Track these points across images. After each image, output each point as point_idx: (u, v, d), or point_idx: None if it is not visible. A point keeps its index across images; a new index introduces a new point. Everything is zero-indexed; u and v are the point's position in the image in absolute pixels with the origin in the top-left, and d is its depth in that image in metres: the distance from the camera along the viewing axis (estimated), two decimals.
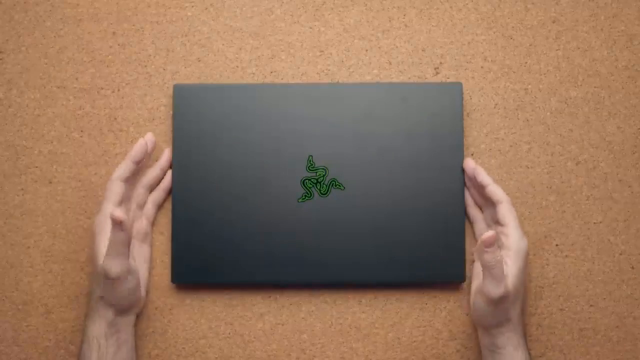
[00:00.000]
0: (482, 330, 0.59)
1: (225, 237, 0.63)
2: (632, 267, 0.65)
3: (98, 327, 0.57)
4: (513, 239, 0.58)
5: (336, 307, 0.64)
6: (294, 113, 0.64)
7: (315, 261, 0.62)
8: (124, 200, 0.60)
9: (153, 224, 0.64)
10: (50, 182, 0.65)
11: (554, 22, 0.67)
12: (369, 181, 0.63)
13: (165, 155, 0.64)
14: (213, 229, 0.63)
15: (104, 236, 0.57)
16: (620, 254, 0.65)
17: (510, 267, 0.57)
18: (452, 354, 0.64)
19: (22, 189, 0.65)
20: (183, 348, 0.64)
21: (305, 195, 0.63)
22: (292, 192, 0.63)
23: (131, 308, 0.60)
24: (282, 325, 0.64)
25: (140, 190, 0.62)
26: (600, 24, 0.67)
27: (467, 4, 0.67)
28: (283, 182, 0.63)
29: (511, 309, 0.57)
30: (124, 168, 0.60)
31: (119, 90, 0.66)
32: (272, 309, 0.64)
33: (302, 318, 0.64)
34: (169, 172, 0.64)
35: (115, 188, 0.59)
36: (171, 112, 0.65)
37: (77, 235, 0.65)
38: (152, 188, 0.63)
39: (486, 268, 0.55)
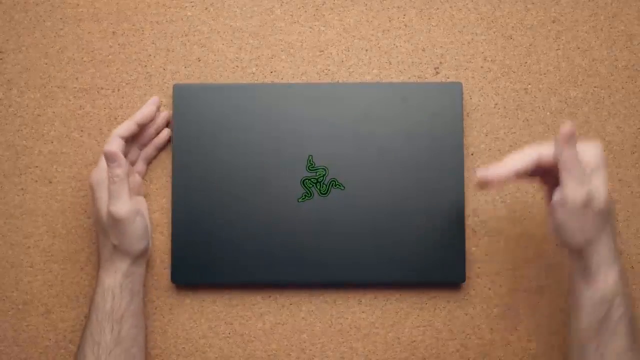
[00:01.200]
0: (571, 253, 0.54)
1: (225, 237, 0.63)
2: (632, 267, 0.65)
3: (113, 279, 0.58)
4: (590, 153, 0.53)
5: (336, 307, 0.64)
6: (294, 113, 0.64)
7: (315, 261, 0.63)
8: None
9: (144, 177, 0.65)
10: (50, 182, 0.65)
11: (554, 22, 0.67)
12: (369, 181, 0.63)
13: (162, 117, 0.64)
14: (213, 229, 0.63)
15: (104, 187, 0.59)
16: (620, 254, 0.65)
17: (596, 175, 0.52)
18: (452, 354, 0.64)
19: (22, 189, 0.65)
20: (183, 348, 0.64)
21: (305, 195, 0.63)
22: (292, 192, 0.63)
23: (144, 254, 0.61)
24: (282, 325, 0.64)
25: (134, 147, 0.64)
26: (600, 24, 0.67)
27: (467, 4, 0.67)
28: (283, 182, 0.63)
29: (604, 220, 0.53)
30: (126, 127, 0.61)
31: (119, 90, 0.66)
32: (272, 309, 0.64)
33: (302, 318, 0.64)
34: (165, 130, 0.65)
35: (115, 144, 0.60)
36: (171, 112, 0.65)
37: (77, 235, 0.65)
38: (144, 146, 0.64)
39: (566, 169, 0.52)
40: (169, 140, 0.65)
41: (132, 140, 0.63)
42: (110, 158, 0.57)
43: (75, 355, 0.59)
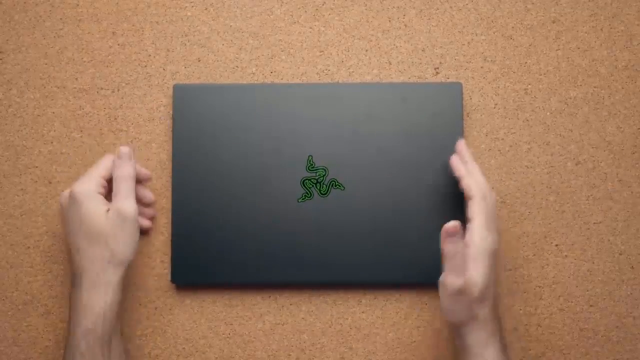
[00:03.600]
0: (452, 329, 0.59)
1: (225, 237, 0.63)
2: (632, 267, 0.65)
3: (104, 300, 0.55)
4: (475, 237, 0.55)
5: (336, 307, 0.64)
6: (294, 113, 0.64)
7: (315, 261, 0.63)
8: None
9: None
10: (50, 182, 0.65)
11: (554, 22, 0.67)
12: (369, 181, 0.63)
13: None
14: (213, 229, 0.63)
15: (94, 197, 0.57)
16: (620, 254, 0.65)
17: (474, 264, 0.55)
18: (452, 354, 0.64)
19: (22, 189, 0.65)
20: (183, 348, 0.64)
21: (305, 195, 0.63)
22: (292, 192, 0.63)
23: (130, 261, 0.58)
24: (282, 325, 0.64)
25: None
26: (600, 24, 0.67)
27: (467, 4, 0.67)
28: (283, 182, 0.63)
29: (477, 306, 0.55)
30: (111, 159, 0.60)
31: (119, 90, 0.66)
32: (272, 309, 0.64)
33: (302, 318, 0.64)
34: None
35: (108, 163, 0.59)
36: (171, 112, 0.65)
37: None
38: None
39: (447, 258, 0.57)
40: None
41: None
42: (128, 155, 0.58)
43: None
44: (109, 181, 0.59)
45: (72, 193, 0.57)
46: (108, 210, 0.57)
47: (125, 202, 0.57)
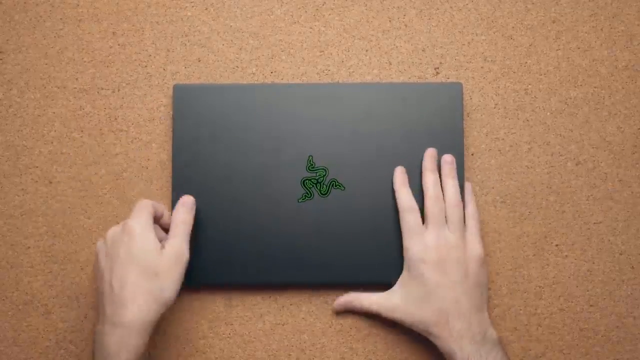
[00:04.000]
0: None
1: (225, 238, 0.63)
2: (632, 267, 0.65)
3: (142, 338, 0.55)
4: (404, 248, 0.61)
5: None
6: (294, 113, 0.64)
7: (316, 261, 0.62)
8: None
9: None
10: (50, 182, 0.65)
11: (554, 22, 0.67)
12: (369, 181, 0.63)
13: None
14: (213, 230, 0.63)
15: (151, 232, 0.57)
16: (620, 254, 0.65)
17: (401, 276, 0.61)
18: None
19: (22, 189, 0.65)
20: (183, 348, 0.64)
21: (305, 195, 0.63)
22: (292, 192, 0.63)
23: (172, 303, 0.59)
24: (282, 325, 0.64)
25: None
26: (600, 24, 0.67)
27: (467, 4, 0.67)
28: (283, 182, 0.63)
29: (402, 315, 0.60)
30: (160, 208, 0.60)
31: (119, 90, 0.66)
32: (272, 309, 0.64)
33: (302, 318, 0.64)
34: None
35: (155, 204, 0.60)
36: (171, 112, 0.65)
37: (77, 235, 0.65)
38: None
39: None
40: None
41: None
42: (191, 205, 0.61)
43: None
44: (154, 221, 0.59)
45: (127, 226, 0.56)
46: (161, 248, 0.57)
47: (183, 245, 0.58)
